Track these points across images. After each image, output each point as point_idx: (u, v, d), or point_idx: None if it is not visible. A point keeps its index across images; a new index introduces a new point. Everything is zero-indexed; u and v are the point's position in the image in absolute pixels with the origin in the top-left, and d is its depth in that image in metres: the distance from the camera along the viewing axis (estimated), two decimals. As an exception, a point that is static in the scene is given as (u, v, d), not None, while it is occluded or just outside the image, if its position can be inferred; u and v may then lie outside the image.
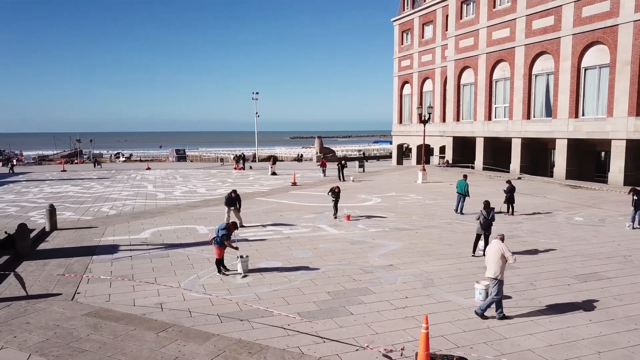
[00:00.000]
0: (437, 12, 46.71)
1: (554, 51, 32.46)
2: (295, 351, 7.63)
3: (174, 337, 8.09)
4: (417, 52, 50.14)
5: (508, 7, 36.01)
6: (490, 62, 38.00)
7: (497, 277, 8.76)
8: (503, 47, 36.53)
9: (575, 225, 17.41)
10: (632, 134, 27.77)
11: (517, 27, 35.15)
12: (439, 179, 33.32)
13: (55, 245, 14.61)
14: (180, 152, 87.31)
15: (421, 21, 49.27)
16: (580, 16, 30.45)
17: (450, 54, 42.26)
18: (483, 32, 38.42)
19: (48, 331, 8.35)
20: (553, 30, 32.36)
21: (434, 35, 47.54)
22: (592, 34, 29.83)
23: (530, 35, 34.12)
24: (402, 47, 52.74)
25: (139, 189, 29.33)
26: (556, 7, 32.02)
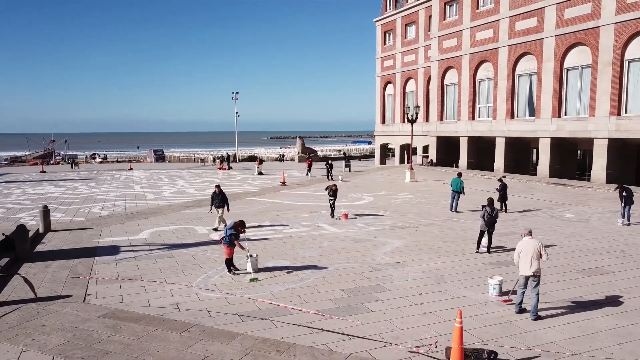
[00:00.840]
0: (420, 12, 47.19)
1: (537, 52, 33.14)
2: (324, 348, 7.63)
3: (198, 337, 8.01)
4: (399, 53, 50.55)
5: (491, 8, 36.62)
6: (473, 62, 38.58)
7: (539, 274, 8.84)
8: (486, 47, 37.13)
9: (568, 222, 17.81)
10: (613, 133, 28.54)
11: (501, 28, 35.78)
12: (426, 177, 33.68)
13: (53, 247, 14.28)
14: (158, 152, 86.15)
15: (404, 22, 49.70)
16: (563, 18, 31.17)
17: (434, 54, 42.74)
18: (466, 33, 38.98)
19: (67, 333, 8.17)
20: (536, 32, 33.04)
21: (416, 35, 48.01)
22: (574, 36, 30.57)
23: (514, 36, 34.77)
24: (385, 47, 53.12)
25: (125, 189, 28.87)
26: (539, 9, 32.71)
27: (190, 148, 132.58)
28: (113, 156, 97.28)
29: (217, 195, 16.69)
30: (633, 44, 27.58)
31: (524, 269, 8.95)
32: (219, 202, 16.63)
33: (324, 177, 33.46)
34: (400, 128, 50.84)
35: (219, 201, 16.63)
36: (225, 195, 16.92)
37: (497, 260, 12.68)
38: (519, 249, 9.11)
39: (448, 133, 42.12)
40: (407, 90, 50.20)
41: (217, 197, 16.66)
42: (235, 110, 76.91)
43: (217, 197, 16.65)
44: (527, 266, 8.87)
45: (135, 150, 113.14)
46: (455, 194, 19.92)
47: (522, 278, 9.05)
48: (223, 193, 16.81)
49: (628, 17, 27.38)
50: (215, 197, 16.68)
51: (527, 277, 8.92)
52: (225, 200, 16.72)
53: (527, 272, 8.87)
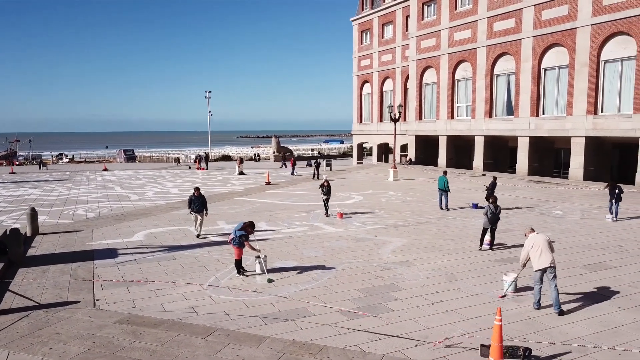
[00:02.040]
0: (397, 12, 47.53)
1: (515, 52, 33.82)
2: (356, 349, 7.54)
3: (224, 341, 7.79)
4: (377, 52, 50.81)
5: (469, 9, 37.18)
6: (452, 62, 39.10)
7: (555, 265, 8.97)
8: (465, 47, 37.69)
9: (558, 219, 18.20)
10: (590, 131, 29.37)
11: (479, 29, 36.37)
12: (408, 176, 33.95)
13: (45, 251, 13.73)
14: (129, 152, 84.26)
15: (381, 21, 49.97)
16: (540, 19, 31.89)
17: (412, 54, 43.12)
18: (445, 33, 39.47)
19: (85, 341, 7.83)
20: (514, 32, 33.72)
21: (394, 35, 48.33)
22: (551, 36, 31.32)
23: (492, 37, 35.40)
24: (362, 46, 53.31)
25: (106, 190, 28.09)
26: (517, 10, 33.38)
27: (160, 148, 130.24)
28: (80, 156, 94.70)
29: (197, 198, 15.41)
30: (609, 45, 28.43)
31: (539, 263, 9.03)
32: (198, 206, 15.36)
33: (308, 177, 33.29)
34: (378, 127, 51.13)
35: (198, 205, 15.36)
36: (205, 198, 15.80)
37: (501, 257, 12.83)
38: (529, 245, 9.21)
39: (427, 132, 42.57)
40: (385, 90, 50.50)
41: (196, 200, 15.37)
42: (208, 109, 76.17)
43: (196, 201, 15.36)
44: (543, 259, 8.98)
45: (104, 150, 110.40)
46: (442, 192, 20.08)
47: (538, 273, 9.11)
48: (202, 196, 15.63)
49: (604, 19, 28.21)
50: (195, 201, 15.38)
51: (544, 270, 8.99)
52: (204, 204, 15.51)
53: (544, 264, 8.96)
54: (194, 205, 15.38)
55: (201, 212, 15.40)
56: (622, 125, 27.65)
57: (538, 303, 9.14)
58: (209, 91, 74.20)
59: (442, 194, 20.32)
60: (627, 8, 27.07)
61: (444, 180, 20.25)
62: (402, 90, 47.42)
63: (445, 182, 20.18)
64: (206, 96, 74.03)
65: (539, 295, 9.16)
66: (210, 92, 74.45)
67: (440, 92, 40.52)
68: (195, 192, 15.59)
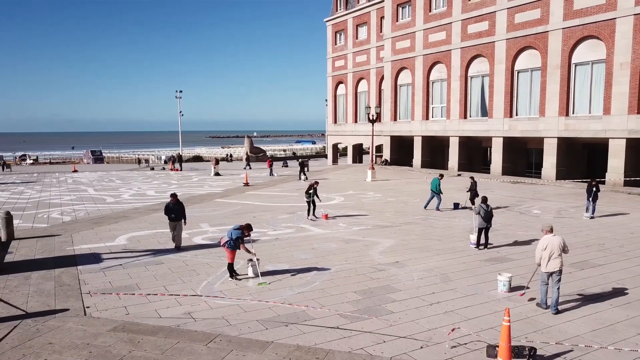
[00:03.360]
0: (372, 13, 47.74)
1: (489, 54, 34.41)
2: (362, 353, 7.48)
3: (227, 348, 7.62)
4: (351, 53, 50.92)
5: (444, 11, 37.64)
6: (427, 63, 39.52)
7: (562, 269, 9.10)
8: (440, 49, 38.14)
9: (538, 218, 18.56)
10: (562, 132, 30.12)
11: (453, 31, 36.85)
12: (385, 177, 34.12)
13: (24, 257, 13.19)
14: (96, 153, 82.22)
15: (355, 22, 50.12)
16: (513, 22, 32.52)
17: (387, 55, 43.38)
18: (419, 35, 39.86)
19: (81, 351, 7.53)
20: (488, 35, 34.29)
21: (368, 36, 48.54)
22: (524, 39, 31.98)
23: (466, 39, 35.91)
24: (336, 47, 53.36)
25: (79, 192, 27.27)
26: (490, 13, 33.95)
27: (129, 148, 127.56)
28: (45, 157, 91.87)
29: (174, 205, 13.75)
30: (579, 48, 29.21)
31: (548, 267, 9.10)
32: (176, 214, 13.68)
33: (287, 177, 33.09)
34: (353, 128, 51.29)
35: (176, 213, 13.68)
36: (183, 205, 14.07)
37: (490, 257, 12.98)
38: (543, 245, 9.20)
39: (402, 133, 42.90)
40: (359, 91, 50.68)
41: (173, 208, 13.69)
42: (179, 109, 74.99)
43: (173, 209, 13.67)
44: (552, 263, 9.06)
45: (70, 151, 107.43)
46: (434, 194, 20.16)
47: (545, 274, 9.20)
48: (181, 203, 13.99)
49: (575, 23, 28.97)
50: (172, 209, 13.67)
51: (552, 273, 9.10)
52: (183, 212, 13.86)
53: (551, 268, 9.06)
54: (171, 213, 13.68)
55: (179, 220, 13.77)
56: (592, 126, 28.46)
57: (546, 304, 9.24)
58: (180, 91, 73.07)
59: (434, 195, 20.30)
60: (597, 13, 27.87)
61: (437, 182, 20.28)
62: (377, 91, 47.67)
63: (437, 184, 20.21)
64: (177, 96, 72.81)
65: (545, 297, 9.27)
66: (181, 92, 73.40)
67: (415, 93, 40.90)
68: (172, 199, 13.88)
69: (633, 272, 11.60)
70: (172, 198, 13.99)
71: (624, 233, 15.88)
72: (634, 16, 26.25)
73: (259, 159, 64.51)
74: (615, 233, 15.86)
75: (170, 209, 13.75)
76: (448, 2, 37.02)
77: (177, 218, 13.76)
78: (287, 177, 35.81)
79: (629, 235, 15.60)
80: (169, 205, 13.87)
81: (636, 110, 26.55)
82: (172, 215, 13.69)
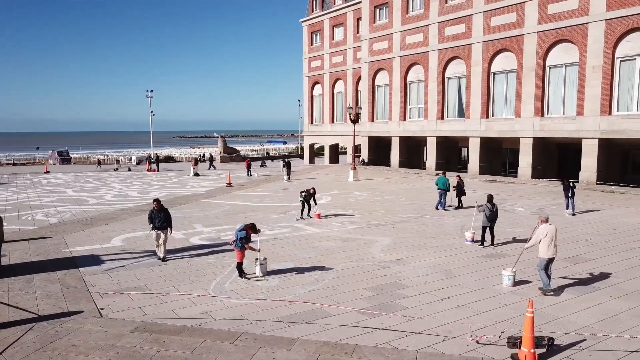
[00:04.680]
0: (348, 14, 48.16)
1: (465, 56, 35.22)
2: (388, 347, 7.68)
3: (254, 345, 7.71)
4: (327, 54, 51.23)
5: (421, 13, 38.30)
6: (404, 65, 40.13)
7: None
8: (417, 51, 38.79)
9: (522, 215, 19.20)
10: (538, 132, 31.12)
11: (430, 33, 37.55)
12: (366, 176, 34.50)
13: (19, 260, 12.88)
14: (63, 154, 79.99)
15: (331, 23, 50.44)
16: (490, 25, 33.40)
17: (365, 56, 43.82)
18: (397, 36, 40.44)
19: (107, 352, 7.49)
20: (464, 37, 35.09)
21: (345, 37, 48.94)
22: (500, 42, 32.88)
23: (443, 41, 36.65)
24: (312, 47, 53.57)
25: (58, 194, 26.62)
26: (467, 16, 34.76)
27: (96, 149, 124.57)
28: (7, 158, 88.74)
29: (158, 212, 12.55)
30: (553, 51, 30.24)
31: (548, 252, 9.93)
32: (160, 221, 12.50)
33: (268, 178, 33.07)
34: (330, 128, 51.59)
35: (160, 220, 12.51)
36: (168, 212, 12.88)
37: (487, 253, 13.41)
38: (543, 234, 9.99)
39: (380, 133, 43.41)
40: (336, 91, 51.02)
41: (157, 215, 12.51)
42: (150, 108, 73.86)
43: (157, 216, 12.50)
44: (552, 249, 9.92)
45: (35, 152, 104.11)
46: (443, 192, 20.36)
47: (545, 260, 9.97)
48: (165, 210, 12.76)
49: (549, 27, 29.98)
50: (155, 216, 12.51)
51: (550, 260, 9.92)
52: (168, 219, 12.69)
53: (552, 254, 9.93)
54: (155, 220, 12.49)
55: (164, 229, 12.57)
56: (566, 127, 29.51)
57: (549, 286, 9.98)
58: (151, 90, 71.95)
59: (442, 194, 20.39)
60: (570, 17, 28.92)
61: (444, 180, 20.42)
62: (354, 91, 48.11)
63: (446, 182, 20.37)
64: (148, 95, 71.74)
65: (548, 280, 10.04)
66: (152, 92, 72.29)
67: (392, 94, 41.45)
68: (155, 205, 12.59)
69: (623, 265, 12.19)
70: (155, 204, 12.63)
71: (606, 229, 16.61)
72: (605, 21, 27.37)
73: (233, 159, 64.07)
74: (598, 229, 16.58)
75: (154, 215, 12.48)
76: (425, 4, 37.71)
77: (161, 226, 12.49)
78: (267, 177, 35.80)
79: (611, 230, 16.33)
80: (152, 212, 12.57)
81: (608, 112, 27.69)
82: (157, 222, 12.42)
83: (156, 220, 12.48)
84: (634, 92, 27.03)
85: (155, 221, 12.48)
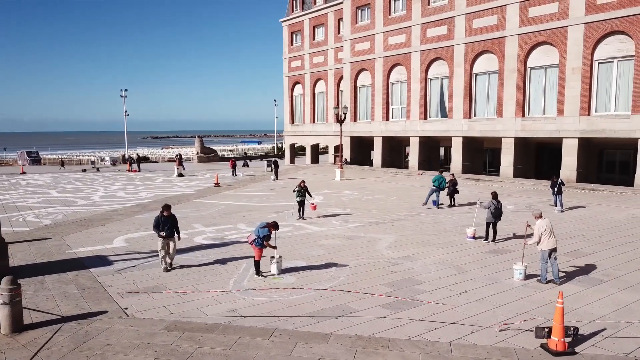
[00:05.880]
0: (329, 15, 48.38)
1: (448, 58, 35.88)
2: (421, 339, 7.89)
3: (290, 341, 7.81)
4: (308, 54, 51.34)
5: (403, 15, 38.82)
6: (387, 65, 40.59)
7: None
8: (399, 52, 39.30)
9: (513, 212, 19.74)
10: (519, 132, 31.97)
11: (413, 34, 38.10)
12: (352, 176, 34.75)
13: (24, 262, 12.62)
14: (33, 154, 77.93)
15: (312, 23, 50.57)
16: (472, 27, 34.11)
17: (347, 56, 44.13)
18: (379, 37, 40.88)
19: (144, 350, 7.48)
20: (447, 39, 35.74)
21: (325, 37, 49.14)
22: (482, 44, 33.63)
23: (425, 42, 37.25)
24: (292, 47, 53.60)
25: (41, 195, 26.01)
26: (449, 18, 35.42)
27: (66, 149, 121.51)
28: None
29: (167, 219, 11.71)
30: (534, 53, 31.12)
31: (549, 244, 10.60)
32: (169, 229, 11.72)
33: (253, 178, 33.02)
34: (311, 128, 51.73)
35: (169, 228, 11.72)
36: (176, 219, 12.05)
37: (490, 249, 13.79)
38: (542, 228, 10.66)
39: (362, 133, 43.79)
40: (317, 91, 51.17)
41: (166, 222, 11.68)
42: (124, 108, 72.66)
43: (166, 223, 11.68)
44: (552, 241, 10.63)
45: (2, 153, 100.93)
46: (435, 190, 20.72)
47: (546, 252, 10.61)
48: (173, 216, 11.91)
49: (530, 30, 30.83)
50: (165, 223, 11.65)
51: (553, 250, 10.59)
52: (176, 227, 11.92)
53: (552, 245, 10.62)
54: (165, 227, 11.66)
55: (172, 236, 11.82)
56: (547, 126, 30.41)
57: (545, 278, 10.61)
58: (125, 90, 70.76)
59: (434, 191, 20.73)
60: (550, 21, 29.82)
61: (440, 178, 20.81)
62: (335, 92, 48.34)
63: (442, 181, 20.77)
64: (122, 95, 70.55)
65: (545, 273, 10.68)
66: (127, 91, 71.07)
67: (375, 94, 41.87)
68: (164, 212, 11.75)
69: (621, 259, 12.73)
70: (165, 211, 11.76)
71: (595, 224, 17.26)
72: (584, 24, 28.33)
73: (210, 159, 63.54)
74: (588, 225, 17.21)
75: (162, 222, 11.64)
76: (407, 6, 38.24)
77: (170, 234, 11.74)
78: (252, 177, 35.73)
79: (600, 226, 16.98)
80: (160, 219, 11.67)
81: (587, 112, 28.66)
82: (166, 229, 11.63)
83: (165, 228, 11.65)
84: (611, 93, 28.07)
85: (165, 228, 11.64)
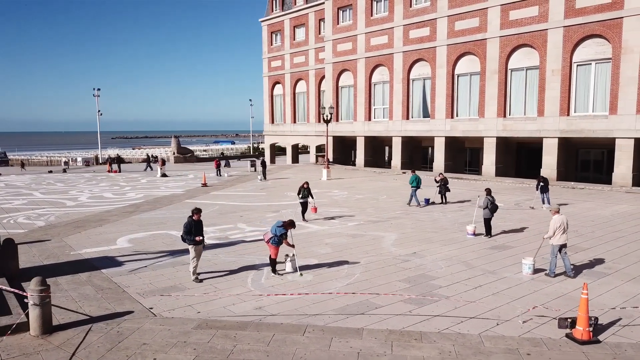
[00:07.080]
0: (310, 15, 48.51)
1: (430, 59, 36.49)
2: (450, 332, 8.15)
3: (325, 336, 7.96)
4: (288, 54, 51.36)
5: (385, 16, 39.27)
6: (369, 66, 40.98)
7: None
8: (382, 52, 39.73)
9: (505, 210, 20.28)
10: (501, 132, 32.78)
11: (395, 36, 38.58)
12: (337, 175, 35.01)
13: (31, 263, 12.39)
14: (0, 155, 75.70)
15: (292, 23, 50.63)
16: (454, 29, 34.78)
17: (328, 56, 44.36)
18: (361, 38, 41.24)
19: (184, 348, 7.52)
20: (429, 40, 36.35)
21: (306, 37, 49.27)
22: (464, 46, 34.33)
23: (408, 44, 37.77)
24: (272, 47, 53.53)
25: (25, 196, 25.40)
26: (431, 20, 36.01)
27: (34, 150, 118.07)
28: None
29: (198, 223, 10.95)
30: (515, 55, 31.96)
31: (560, 239, 11.05)
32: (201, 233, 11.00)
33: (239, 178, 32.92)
34: (292, 128, 51.78)
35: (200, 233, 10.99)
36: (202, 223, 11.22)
37: (492, 245, 14.19)
38: (557, 224, 11.07)
39: (344, 133, 44.08)
40: (298, 91, 51.24)
41: (198, 226, 10.96)
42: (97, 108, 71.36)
43: (199, 227, 10.97)
44: (564, 237, 11.05)
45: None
46: (414, 190, 21.15)
47: (557, 247, 11.08)
48: (200, 222, 11.09)
49: (511, 32, 31.66)
50: (197, 227, 10.91)
51: (563, 245, 11.04)
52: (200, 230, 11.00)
53: (564, 241, 11.06)
54: (198, 232, 10.88)
55: (203, 242, 11.11)
56: (528, 126, 31.29)
57: (553, 272, 11.05)
58: (98, 89, 69.45)
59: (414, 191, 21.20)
60: (531, 24, 30.68)
61: (415, 177, 21.24)
62: (316, 92, 48.53)
63: (419, 180, 21.23)
64: (95, 94, 69.24)
65: (554, 267, 11.11)
66: (99, 90, 69.79)
67: (357, 95, 42.23)
68: (194, 216, 10.91)
69: (617, 253, 13.30)
70: (196, 215, 10.91)
71: (585, 221, 17.92)
72: (564, 28, 29.26)
73: (187, 159, 62.88)
74: (578, 221, 17.84)
75: (195, 226, 10.79)
76: (390, 7, 38.71)
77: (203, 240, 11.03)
78: (238, 177, 35.61)
79: (590, 222, 17.64)
80: (191, 224, 10.75)
81: (566, 113, 29.61)
82: (200, 236, 10.86)
83: (199, 233, 10.89)
84: (589, 94, 29.07)
85: (199, 233, 10.88)
